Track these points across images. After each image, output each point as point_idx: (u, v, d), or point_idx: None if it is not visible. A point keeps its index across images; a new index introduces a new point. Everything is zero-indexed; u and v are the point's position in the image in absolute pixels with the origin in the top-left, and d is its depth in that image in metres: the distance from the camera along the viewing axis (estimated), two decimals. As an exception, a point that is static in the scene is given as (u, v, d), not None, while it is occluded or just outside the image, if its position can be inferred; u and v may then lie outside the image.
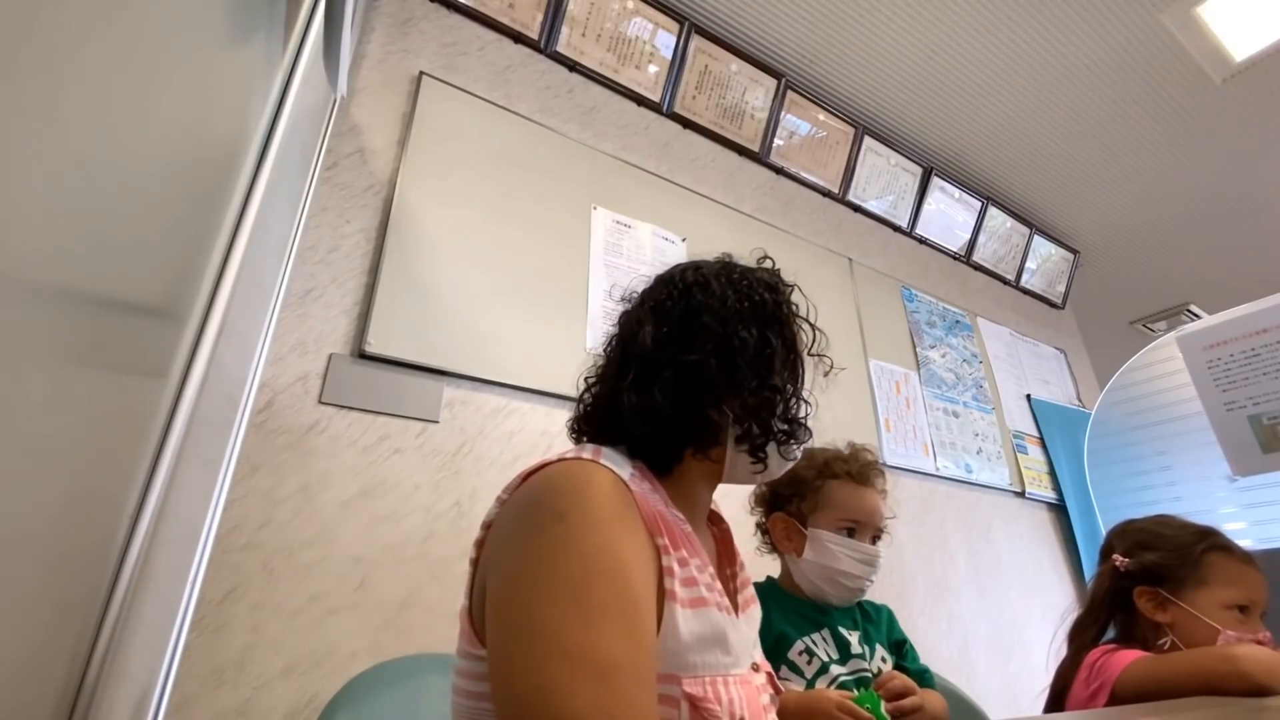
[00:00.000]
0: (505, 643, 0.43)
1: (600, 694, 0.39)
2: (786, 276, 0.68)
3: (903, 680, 0.77)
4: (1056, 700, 0.97)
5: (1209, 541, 0.95)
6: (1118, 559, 0.99)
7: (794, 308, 0.65)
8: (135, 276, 0.43)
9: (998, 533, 2.14)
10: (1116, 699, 0.85)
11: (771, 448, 0.60)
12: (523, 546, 0.46)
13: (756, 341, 0.59)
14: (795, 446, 0.62)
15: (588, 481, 0.49)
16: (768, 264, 0.69)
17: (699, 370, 0.57)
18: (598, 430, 0.62)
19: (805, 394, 0.64)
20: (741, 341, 0.58)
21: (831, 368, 0.66)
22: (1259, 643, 0.86)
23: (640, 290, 0.68)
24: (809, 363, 0.65)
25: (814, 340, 0.65)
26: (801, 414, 0.63)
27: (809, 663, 0.83)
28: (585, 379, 0.67)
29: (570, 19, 1.75)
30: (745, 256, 0.70)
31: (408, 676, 0.80)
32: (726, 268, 0.65)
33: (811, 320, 0.66)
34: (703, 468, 0.62)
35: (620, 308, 0.69)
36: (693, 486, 0.62)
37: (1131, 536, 1.02)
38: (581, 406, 0.66)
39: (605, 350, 0.67)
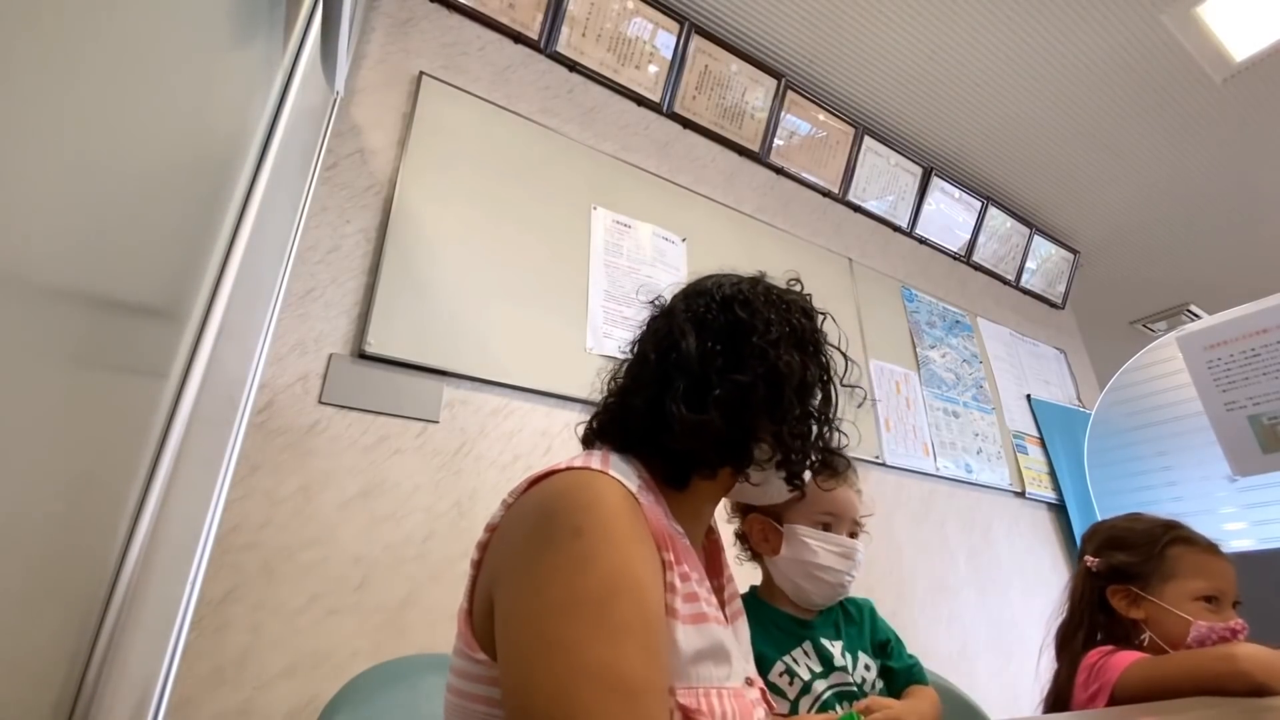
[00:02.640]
0: (524, 660, 0.42)
1: (627, 713, 0.39)
2: (814, 301, 0.68)
3: (884, 716, 0.76)
4: (1055, 708, 0.97)
5: (1171, 535, 0.96)
6: (1089, 560, 1.00)
7: (825, 335, 0.65)
8: (135, 276, 0.43)
9: (998, 533, 2.14)
10: (1116, 701, 0.85)
11: (808, 475, 0.61)
12: (538, 562, 0.45)
13: (800, 367, 0.59)
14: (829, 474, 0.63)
15: (601, 495, 0.48)
16: (796, 287, 0.68)
17: (748, 392, 0.57)
18: (623, 437, 0.61)
19: (838, 422, 0.64)
20: (787, 366, 0.58)
21: (865, 399, 0.66)
22: (1233, 630, 0.87)
23: (670, 298, 0.67)
24: (843, 392, 0.65)
25: (847, 370, 0.65)
26: (835, 442, 0.64)
27: (790, 683, 0.81)
28: (605, 381, 0.66)
29: (570, 19, 1.75)
30: (757, 267, 0.69)
31: (408, 676, 0.80)
32: (764, 287, 0.64)
33: (843, 349, 0.66)
34: (716, 485, 0.61)
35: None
36: (699, 503, 0.62)
37: (1100, 536, 1.03)
38: (603, 410, 0.64)
39: (632, 354, 0.65)
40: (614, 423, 0.62)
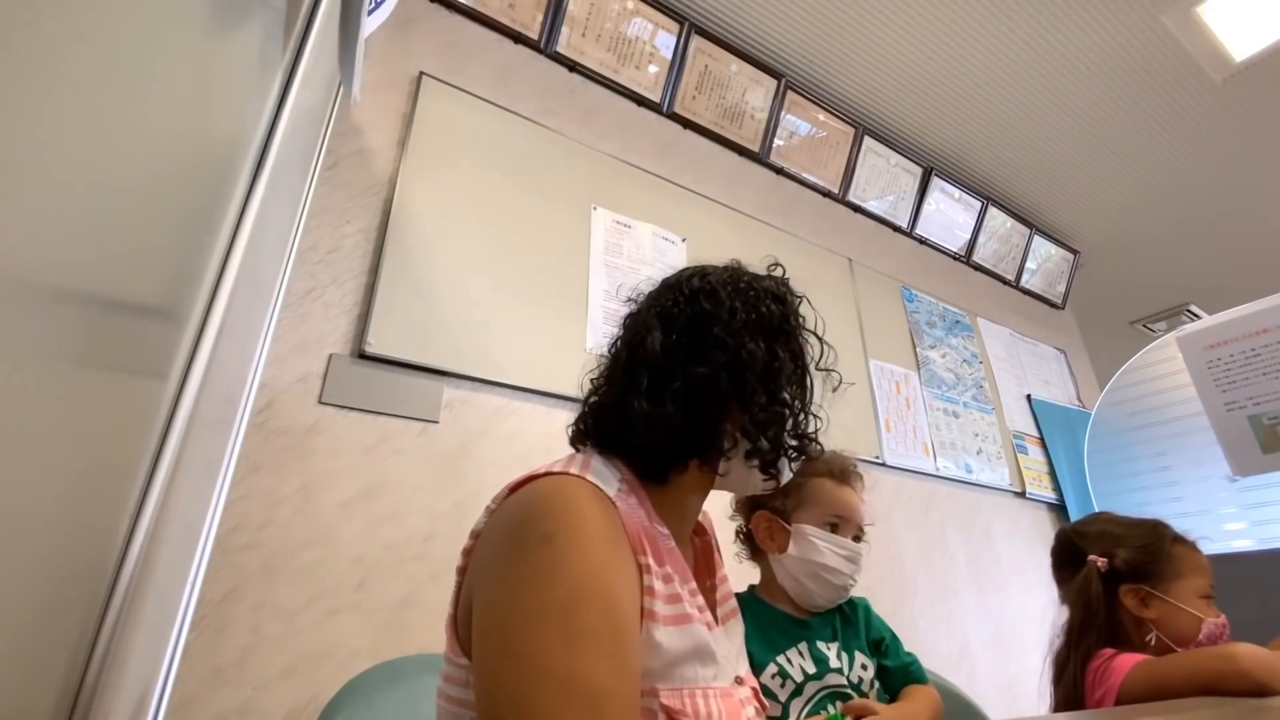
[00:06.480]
0: (492, 667, 0.43)
1: None
2: (794, 285, 0.67)
3: (862, 704, 0.77)
4: (1068, 707, 0.96)
5: (1171, 534, 1.00)
6: (1098, 560, 1.00)
7: (801, 320, 0.64)
8: (135, 277, 0.43)
9: (998, 533, 2.14)
10: (1121, 703, 0.85)
11: (783, 463, 0.60)
12: (509, 569, 0.46)
13: (765, 355, 0.58)
14: (804, 461, 0.63)
15: (574, 501, 0.48)
16: (777, 271, 0.68)
17: (709, 383, 0.57)
18: (600, 436, 0.61)
19: (814, 408, 0.63)
20: (749, 355, 0.57)
21: (840, 383, 0.66)
22: (1224, 625, 0.91)
23: (646, 293, 0.67)
24: (818, 377, 0.64)
25: (822, 354, 0.65)
26: (810, 429, 0.63)
27: (782, 685, 0.81)
28: (590, 379, 0.66)
29: (570, 19, 1.75)
30: (755, 263, 0.69)
31: (408, 676, 0.80)
32: (734, 276, 0.64)
33: (819, 333, 0.65)
34: (698, 478, 0.61)
35: (624, 308, 0.68)
36: (684, 497, 0.61)
37: (1097, 539, 1.04)
38: (585, 410, 0.65)
39: (609, 352, 0.66)
40: (593, 422, 0.63)
